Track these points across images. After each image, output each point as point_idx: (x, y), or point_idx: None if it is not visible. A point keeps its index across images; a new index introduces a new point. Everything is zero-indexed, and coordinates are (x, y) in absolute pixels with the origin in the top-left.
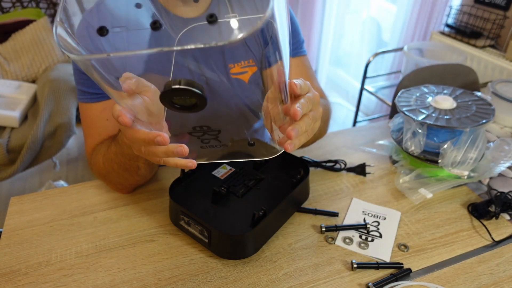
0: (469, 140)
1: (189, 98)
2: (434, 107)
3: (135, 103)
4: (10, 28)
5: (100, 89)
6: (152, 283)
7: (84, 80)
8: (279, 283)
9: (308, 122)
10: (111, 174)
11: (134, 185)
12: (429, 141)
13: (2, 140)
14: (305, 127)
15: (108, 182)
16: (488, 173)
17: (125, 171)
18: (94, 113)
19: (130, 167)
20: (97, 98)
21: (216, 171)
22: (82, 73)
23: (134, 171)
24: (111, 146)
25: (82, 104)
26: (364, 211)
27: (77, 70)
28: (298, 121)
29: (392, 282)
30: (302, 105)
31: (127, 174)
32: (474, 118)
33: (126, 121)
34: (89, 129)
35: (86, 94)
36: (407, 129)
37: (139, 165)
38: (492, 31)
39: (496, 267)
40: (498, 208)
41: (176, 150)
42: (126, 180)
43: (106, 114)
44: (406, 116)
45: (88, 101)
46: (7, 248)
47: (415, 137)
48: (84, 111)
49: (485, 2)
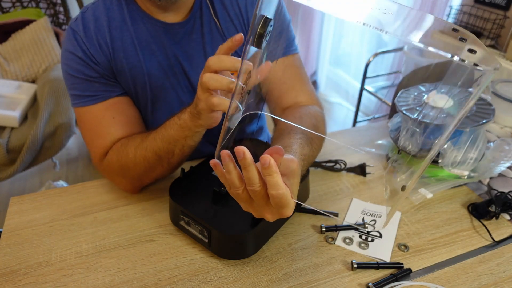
0: (469, 140)
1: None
2: (431, 106)
3: None
4: (10, 28)
5: (95, 91)
6: (152, 283)
7: (77, 84)
8: (279, 283)
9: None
10: (136, 168)
11: (153, 179)
12: (427, 140)
13: (2, 140)
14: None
15: (122, 178)
16: (488, 173)
17: (158, 159)
18: (97, 114)
19: (164, 153)
20: (95, 100)
21: None
22: (74, 77)
23: (166, 160)
24: (149, 136)
25: (79, 109)
26: (364, 211)
27: (69, 75)
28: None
29: (392, 282)
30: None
31: (157, 163)
32: (474, 118)
33: None
34: (94, 131)
35: (82, 97)
36: (404, 127)
37: (174, 151)
38: (492, 31)
39: (496, 267)
40: (498, 208)
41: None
42: (152, 170)
43: (111, 112)
44: (404, 115)
45: (86, 104)
46: (7, 248)
47: (413, 136)
48: (83, 115)
49: (485, 2)
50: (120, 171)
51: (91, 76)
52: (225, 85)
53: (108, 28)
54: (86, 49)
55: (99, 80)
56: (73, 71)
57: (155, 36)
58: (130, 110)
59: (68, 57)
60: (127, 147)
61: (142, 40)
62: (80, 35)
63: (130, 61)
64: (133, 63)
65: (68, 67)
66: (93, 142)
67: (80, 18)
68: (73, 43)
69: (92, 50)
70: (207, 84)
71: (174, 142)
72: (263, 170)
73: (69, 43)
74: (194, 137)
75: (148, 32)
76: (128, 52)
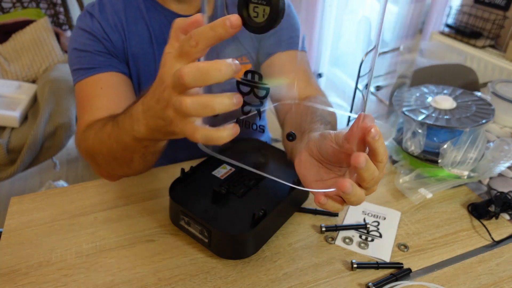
0: (469, 140)
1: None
2: (434, 107)
3: None
4: (10, 28)
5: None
6: (152, 283)
7: (81, 58)
8: (279, 283)
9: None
10: (99, 156)
11: (121, 176)
12: (429, 141)
13: (2, 140)
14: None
15: (94, 164)
16: (488, 173)
17: (114, 160)
18: (89, 88)
19: (121, 157)
20: (92, 71)
21: (216, 171)
22: (79, 51)
23: (125, 163)
24: (107, 126)
25: (77, 85)
26: (364, 211)
27: (75, 49)
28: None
29: (392, 282)
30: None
31: (116, 164)
32: (474, 118)
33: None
34: (84, 105)
35: (81, 71)
36: (407, 129)
37: (133, 158)
38: (492, 31)
39: (496, 267)
40: (498, 208)
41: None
42: (113, 169)
43: (101, 83)
44: (406, 116)
45: (83, 77)
46: (7, 248)
47: (415, 137)
48: (78, 90)
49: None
50: (90, 153)
51: (97, 50)
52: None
53: (124, 12)
54: (101, 27)
55: (104, 55)
56: (79, 45)
57: (168, 26)
58: (123, 87)
59: (79, 34)
60: (90, 130)
61: (156, 29)
62: (96, 16)
63: (144, 47)
64: (145, 49)
65: (75, 42)
66: (81, 117)
67: (97, 3)
68: (87, 22)
69: (107, 29)
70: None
71: (130, 149)
72: (373, 142)
73: (82, 22)
74: (158, 145)
75: (162, 22)
76: (143, 37)
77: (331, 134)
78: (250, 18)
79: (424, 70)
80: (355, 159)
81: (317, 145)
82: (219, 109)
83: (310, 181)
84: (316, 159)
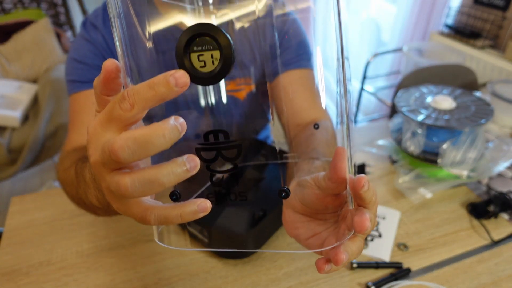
0: (468, 140)
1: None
2: (433, 107)
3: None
4: (11, 28)
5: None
6: (152, 282)
7: (78, 70)
8: (279, 282)
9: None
10: (68, 194)
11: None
12: (428, 141)
13: (3, 140)
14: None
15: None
16: (487, 173)
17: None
18: (82, 102)
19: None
20: (86, 85)
21: None
22: (78, 62)
23: (91, 212)
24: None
25: (71, 97)
26: None
27: (74, 59)
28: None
29: (391, 281)
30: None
31: (83, 208)
32: (473, 118)
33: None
34: (74, 119)
35: (76, 83)
36: (407, 129)
37: (96, 212)
38: (491, 32)
39: (495, 266)
40: (497, 208)
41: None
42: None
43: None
44: (406, 116)
45: (77, 90)
46: (8, 248)
47: (415, 137)
48: (72, 103)
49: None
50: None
51: (96, 64)
52: (181, 177)
53: None
54: (103, 41)
55: None
56: (78, 56)
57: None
58: None
59: (80, 44)
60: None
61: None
62: (100, 29)
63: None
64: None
65: (75, 52)
66: (69, 135)
67: (101, 14)
68: (90, 32)
69: (110, 42)
70: (132, 195)
71: (92, 207)
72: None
73: (85, 32)
74: None
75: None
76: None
77: (308, 181)
78: (195, 69)
79: (424, 70)
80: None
81: (299, 197)
82: (169, 182)
83: (305, 240)
84: (302, 213)
